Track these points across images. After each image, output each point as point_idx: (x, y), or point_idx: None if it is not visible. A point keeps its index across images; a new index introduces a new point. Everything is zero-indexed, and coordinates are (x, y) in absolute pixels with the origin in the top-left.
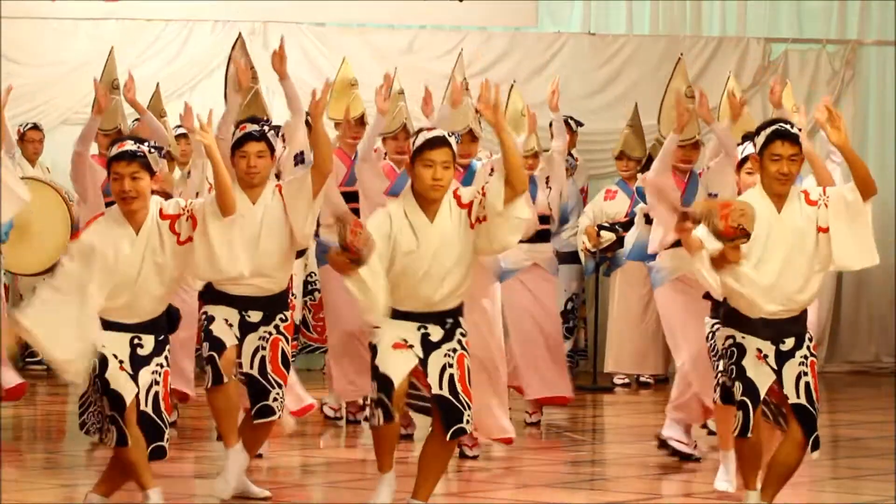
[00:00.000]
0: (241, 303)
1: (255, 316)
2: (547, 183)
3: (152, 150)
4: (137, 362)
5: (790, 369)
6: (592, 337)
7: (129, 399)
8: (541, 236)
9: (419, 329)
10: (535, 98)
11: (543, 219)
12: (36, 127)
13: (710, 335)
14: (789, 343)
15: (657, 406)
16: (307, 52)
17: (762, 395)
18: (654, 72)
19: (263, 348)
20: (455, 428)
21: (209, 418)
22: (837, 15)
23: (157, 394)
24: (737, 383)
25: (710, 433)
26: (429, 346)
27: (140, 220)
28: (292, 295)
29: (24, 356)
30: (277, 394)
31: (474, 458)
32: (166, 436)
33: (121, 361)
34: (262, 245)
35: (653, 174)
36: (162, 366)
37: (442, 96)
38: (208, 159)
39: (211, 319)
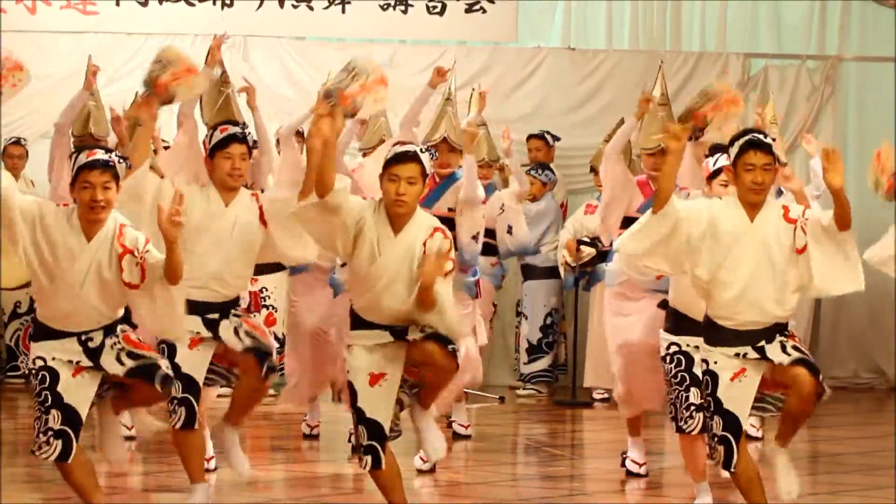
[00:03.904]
0: (198, 308)
1: (213, 315)
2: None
3: (121, 160)
4: (92, 353)
5: (773, 349)
6: (572, 352)
7: (83, 412)
8: (486, 250)
9: (387, 329)
10: (515, 112)
11: (490, 232)
12: (18, 142)
13: (668, 357)
14: (761, 343)
15: None
16: (287, 67)
17: (745, 423)
18: (634, 87)
19: (240, 326)
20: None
21: None
22: (817, 30)
23: (126, 351)
24: (716, 418)
25: None
26: (402, 334)
27: (95, 231)
28: (273, 308)
29: (5, 369)
30: (275, 352)
31: (468, 437)
32: (163, 364)
33: (77, 363)
34: (231, 250)
35: (608, 149)
36: (118, 335)
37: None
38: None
39: (171, 347)
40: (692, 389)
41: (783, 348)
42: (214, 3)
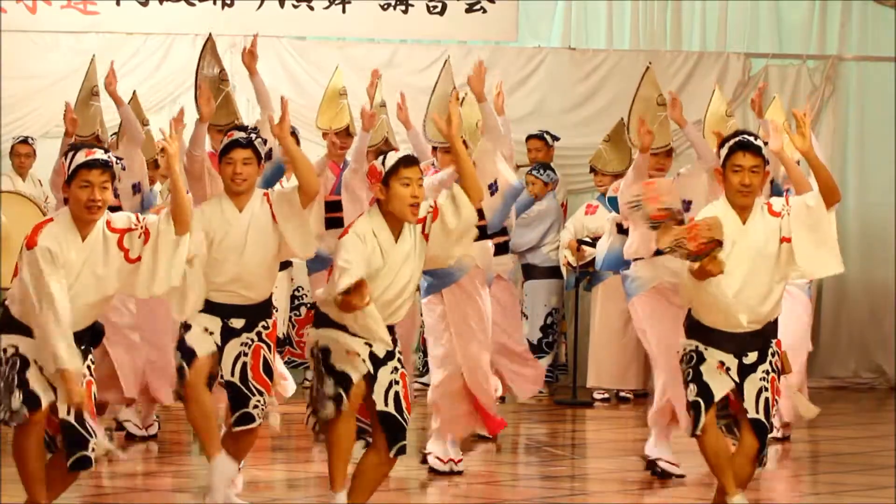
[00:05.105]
0: (224, 311)
1: (237, 323)
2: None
3: (117, 160)
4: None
5: (751, 384)
6: (572, 352)
7: (45, 403)
8: (501, 248)
9: (367, 344)
10: (515, 112)
11: (502, 231)
12: (25, 141)
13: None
14: (752, 357)
15: (637, 421)
16: (287, 66)
17: (717, 398)
18: (634, 87)
19: (245, 354)
20: (400, 445)
21: (189, 432)
22: (818, 30)
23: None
24: (691, 385)
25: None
26: (376, 362)
27: (88, 229)
28: (274, 308)
29: None
30: (258, 401)
31: (460, 473)
32: (91, 445)
33: (40, 368)
34: (247, 253)
35: (626, 188)
36: (84, 375)
37: (425, 111)
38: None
39: (187, 328)
40: None
41: (758, 395)
42: (214, 3)
